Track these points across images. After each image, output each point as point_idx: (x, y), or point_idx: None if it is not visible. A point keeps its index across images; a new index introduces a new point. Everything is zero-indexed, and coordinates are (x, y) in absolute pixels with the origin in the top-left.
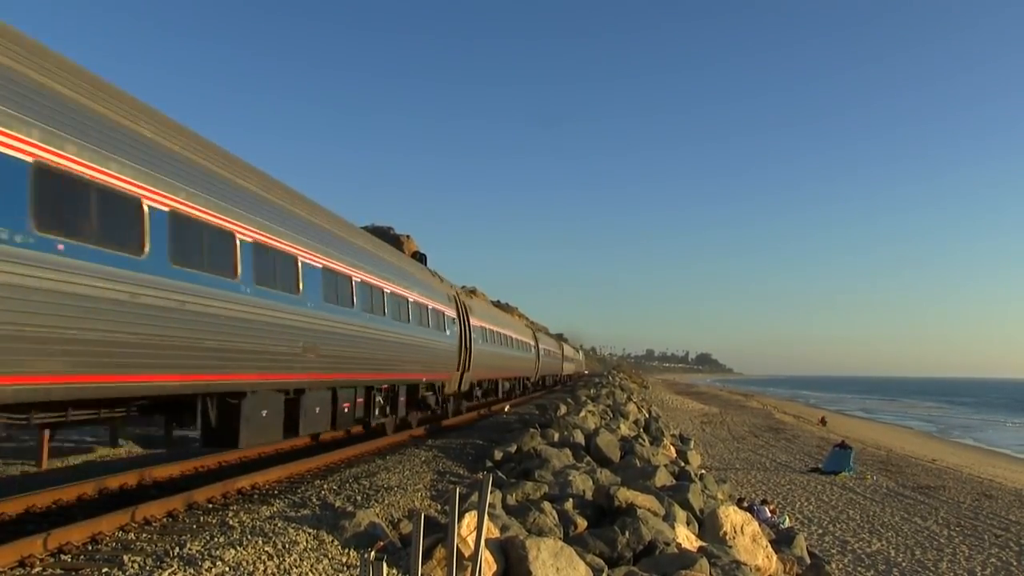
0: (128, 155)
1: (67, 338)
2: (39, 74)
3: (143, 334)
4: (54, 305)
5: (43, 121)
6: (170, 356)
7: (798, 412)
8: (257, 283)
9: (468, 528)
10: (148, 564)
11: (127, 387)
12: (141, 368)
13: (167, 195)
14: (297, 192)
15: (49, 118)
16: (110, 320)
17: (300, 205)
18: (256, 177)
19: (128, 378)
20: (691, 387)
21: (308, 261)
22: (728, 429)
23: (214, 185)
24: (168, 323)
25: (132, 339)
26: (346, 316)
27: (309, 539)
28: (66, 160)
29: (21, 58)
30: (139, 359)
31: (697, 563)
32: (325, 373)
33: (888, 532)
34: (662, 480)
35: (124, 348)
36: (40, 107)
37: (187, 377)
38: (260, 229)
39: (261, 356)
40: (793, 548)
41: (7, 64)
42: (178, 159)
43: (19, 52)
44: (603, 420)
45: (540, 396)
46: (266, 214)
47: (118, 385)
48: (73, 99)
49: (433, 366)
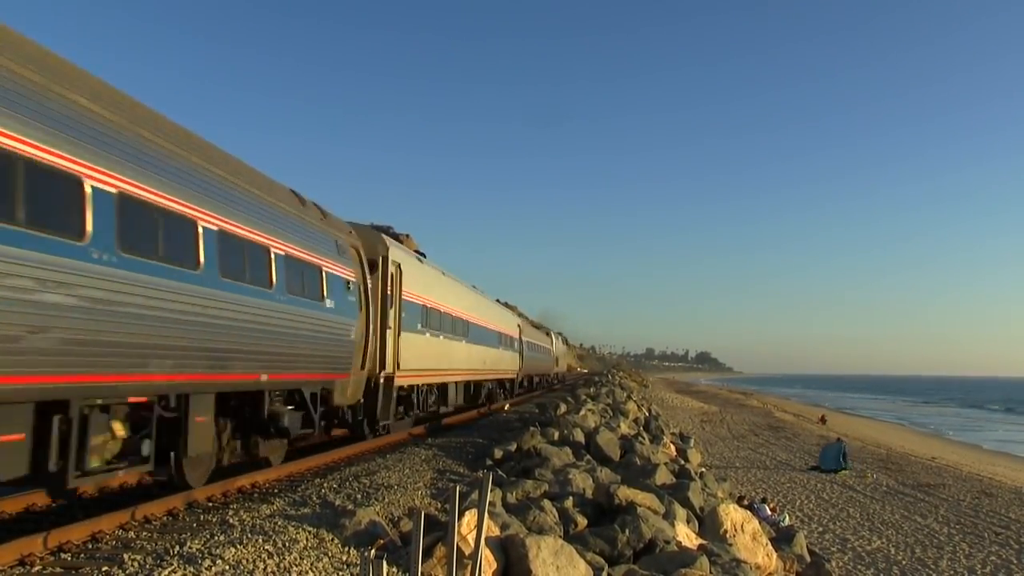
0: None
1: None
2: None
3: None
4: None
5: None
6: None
7: (798, 410)
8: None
9: (468, 526)
10: (148, 563)
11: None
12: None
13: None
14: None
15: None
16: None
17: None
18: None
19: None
20: (691, 386)
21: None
22: (728, 427)
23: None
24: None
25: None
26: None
27: (309, 537)
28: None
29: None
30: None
31: (697, 561)
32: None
33: (888, 530)
34: (662, 478)
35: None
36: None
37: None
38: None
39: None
40: (793, 546)
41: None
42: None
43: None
44: (603, 419)
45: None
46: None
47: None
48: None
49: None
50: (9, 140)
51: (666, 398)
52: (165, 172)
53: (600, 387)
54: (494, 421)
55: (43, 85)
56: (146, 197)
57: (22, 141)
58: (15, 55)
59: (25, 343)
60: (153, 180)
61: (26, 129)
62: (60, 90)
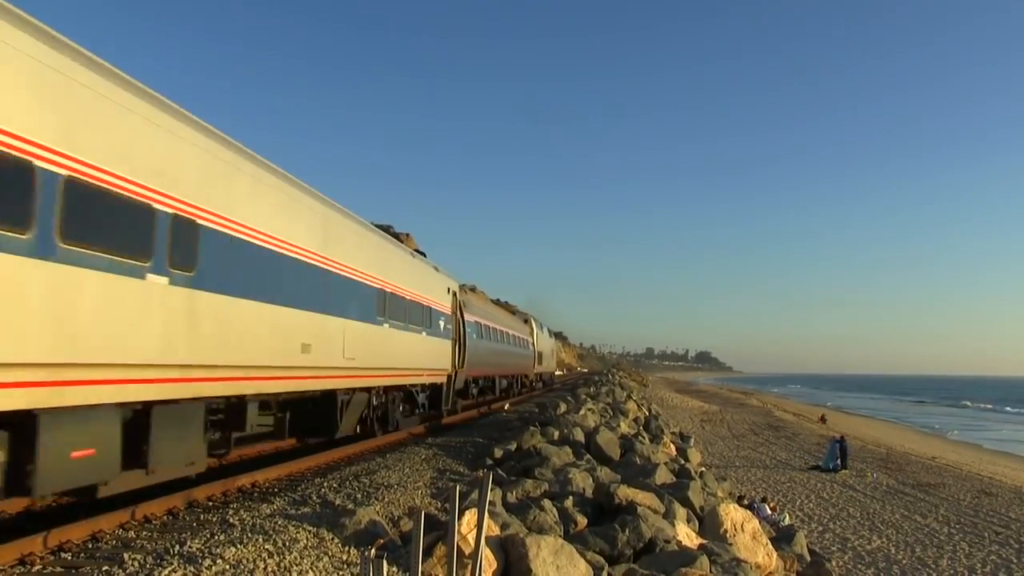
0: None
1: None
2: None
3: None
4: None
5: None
6: None
7: (798, 410)
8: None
9: (468, 526)
10: (148, 562)
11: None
12: None
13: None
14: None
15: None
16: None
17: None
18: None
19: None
20: (691, 385)
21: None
22: (728, 427)
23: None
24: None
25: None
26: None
27: (309, 537)
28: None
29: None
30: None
31: (697, 560)
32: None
33: (888, 529)
34: (662, 478)
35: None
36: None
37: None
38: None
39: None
40: (793, 545)
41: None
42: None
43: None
44: (603, 418)
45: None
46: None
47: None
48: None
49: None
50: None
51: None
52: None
53: (600, 386)
54: (494, 421)
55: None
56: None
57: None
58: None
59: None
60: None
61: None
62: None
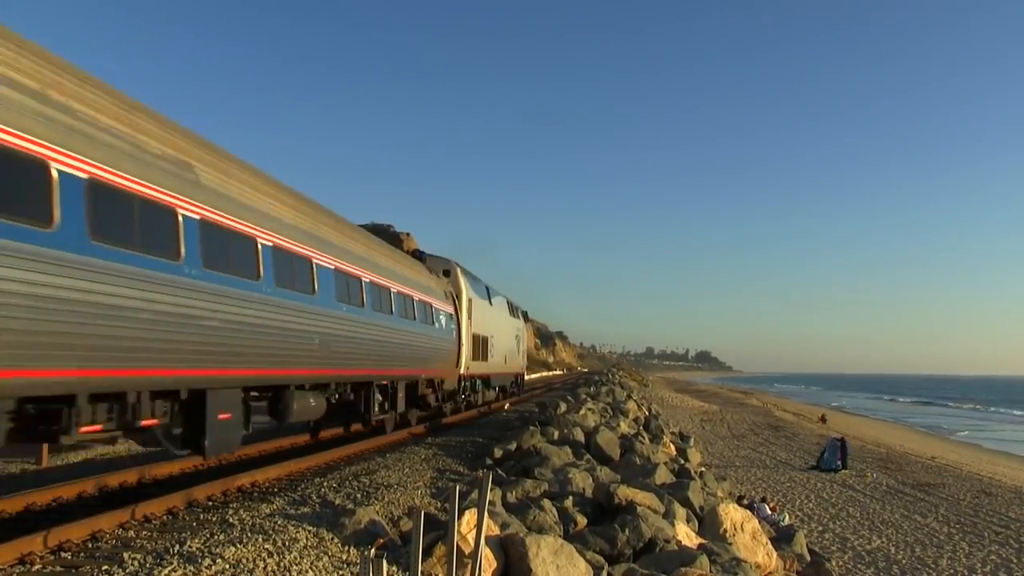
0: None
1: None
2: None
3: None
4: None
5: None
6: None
7: (798, 410)
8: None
9: (468, 526)
10: (148, 562)
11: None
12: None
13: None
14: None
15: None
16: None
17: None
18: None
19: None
20: (691, 385)
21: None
22: (728, 427)
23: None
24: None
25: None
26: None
27: (309, 537)
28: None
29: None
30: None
31: (697, 560)
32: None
33: (888, 529)
34: (662, 478)
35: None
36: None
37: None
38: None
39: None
40: (793, 545)
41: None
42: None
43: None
44: (603, 418)
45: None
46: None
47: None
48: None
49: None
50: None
51: (666, 397)
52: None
53: (600, 386)
54: (494, 420)
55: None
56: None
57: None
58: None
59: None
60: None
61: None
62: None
